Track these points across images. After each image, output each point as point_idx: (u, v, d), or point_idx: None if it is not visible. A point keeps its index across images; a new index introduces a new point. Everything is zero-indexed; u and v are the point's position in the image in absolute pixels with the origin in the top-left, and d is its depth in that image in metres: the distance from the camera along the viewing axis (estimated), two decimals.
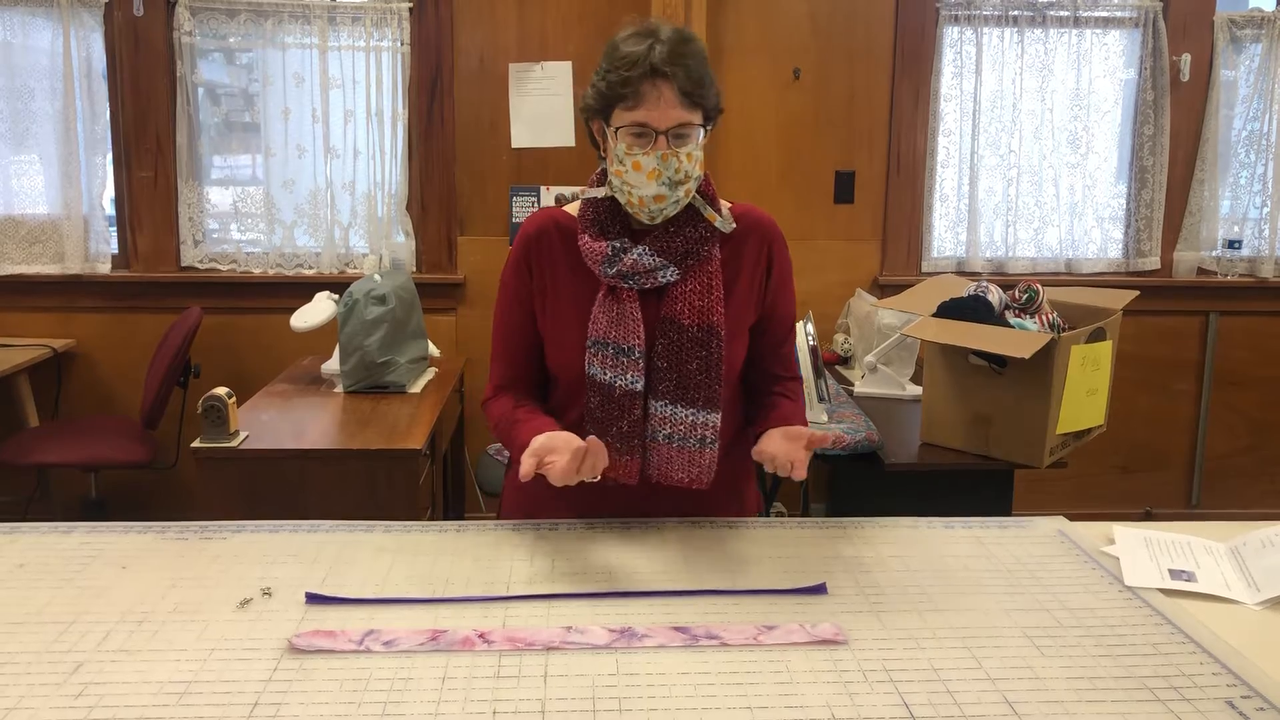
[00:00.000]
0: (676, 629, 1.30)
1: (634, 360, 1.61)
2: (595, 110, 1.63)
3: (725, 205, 1.70)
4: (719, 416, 1.64)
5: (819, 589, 1.43)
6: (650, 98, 1.54)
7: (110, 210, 3.95)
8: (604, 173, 1.68)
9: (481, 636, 1.28)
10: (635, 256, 1.60)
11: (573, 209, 1.73)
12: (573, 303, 1.67)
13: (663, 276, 1.62)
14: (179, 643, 1.25)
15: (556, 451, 1.51)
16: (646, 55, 1.54)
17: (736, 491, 1.80)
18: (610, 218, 1.65)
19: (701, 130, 1.60)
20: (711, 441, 1.64)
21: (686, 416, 1.63)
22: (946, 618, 1.35)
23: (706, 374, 1.62)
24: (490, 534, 1.62)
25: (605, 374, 1.62)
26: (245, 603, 1.36)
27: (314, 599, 1.37)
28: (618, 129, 1.58)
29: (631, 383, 1.61)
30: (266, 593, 1.39)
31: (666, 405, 1.63)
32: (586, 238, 1.64)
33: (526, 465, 1.51)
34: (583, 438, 1.55)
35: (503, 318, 1.74)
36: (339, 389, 3.15)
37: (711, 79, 1.60)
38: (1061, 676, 1.20)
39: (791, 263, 1.77)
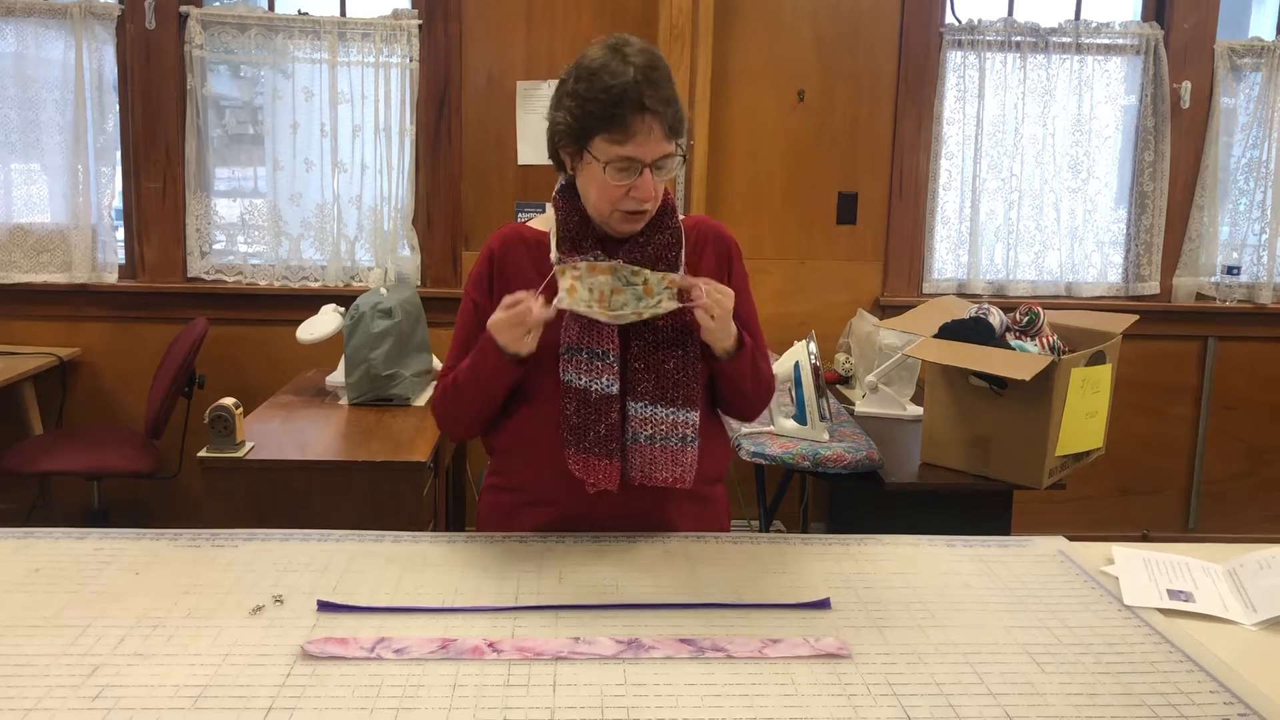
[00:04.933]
0: (683, 641, 1.32)
1: (608, 364, 1.63)
2: (573, 136, 1.63)
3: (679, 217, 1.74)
4: (698, 414, 1.67)
5: (823, 604, 1.45)
6: (640, 134, 1.57)
7: (117, 220, 3.98)
8: (567, 188, 1.71)
9: (491, 646, 1.29)
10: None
11: (538, 223, 1.78)
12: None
13: None
14: (194, 647, 1.27)
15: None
16: (631, 89, 1.55)
17: (703, 492, 1.79)
18: (581, 232, 1.69)
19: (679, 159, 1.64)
20: (692, 439, 1.66)
21: (667, 416, 1.65)
22: (948, 633, 1.37)
23: (684, 371, 1.65)
24: (498, 546, 1.64)
25: (580, 379, 1.63)
26: (258, 609, 1.38)
27: (325, 607, 1.39)
28: (606, 163, 1.59)
29: (607, 386, 1.63)
30: (278, 600, 1.41)
31: (646, 406, 1.65)
32: (559, 253, 1.67)
33: (498, 316, 1.59)
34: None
35: (461, 333, 1.77)
36: (343, 401, 3.17)
37: (681, 105, 1.65)
38: (1061, 692, 1.23)
39: (748, 274, 1.82)
